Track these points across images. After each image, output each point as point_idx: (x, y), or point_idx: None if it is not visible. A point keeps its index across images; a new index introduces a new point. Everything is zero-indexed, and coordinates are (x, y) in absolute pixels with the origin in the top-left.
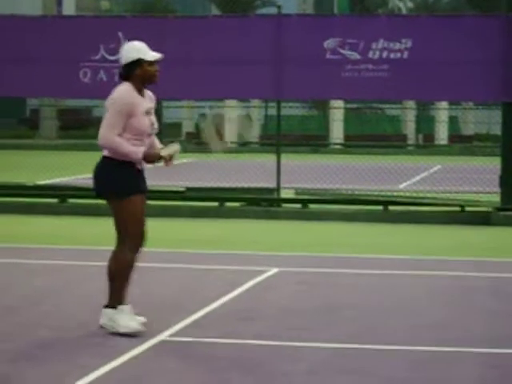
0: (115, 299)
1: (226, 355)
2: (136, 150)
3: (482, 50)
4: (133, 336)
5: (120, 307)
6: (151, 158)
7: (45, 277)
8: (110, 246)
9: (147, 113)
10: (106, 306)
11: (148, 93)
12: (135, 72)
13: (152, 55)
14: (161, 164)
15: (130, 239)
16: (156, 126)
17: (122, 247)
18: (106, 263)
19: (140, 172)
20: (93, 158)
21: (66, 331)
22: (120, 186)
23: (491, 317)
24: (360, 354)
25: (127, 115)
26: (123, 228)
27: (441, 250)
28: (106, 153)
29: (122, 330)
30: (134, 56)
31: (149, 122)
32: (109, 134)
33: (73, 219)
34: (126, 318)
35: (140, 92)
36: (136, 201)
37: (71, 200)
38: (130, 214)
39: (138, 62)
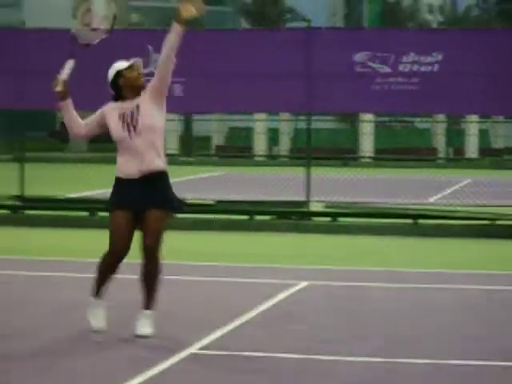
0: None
1: (256, 368)
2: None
3: None
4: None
5: (92, 299)
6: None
7: (74, 290)
8: (138, 258)
9: (120, 118)
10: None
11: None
12: (119, 84)
13: (125, 64)
14: None
15: (109, 248)
16: (142, 125)
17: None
18: (136, 276)
19: (135, 187)
20: None
21: (97, 343)
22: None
23: None
24: (391, 368)
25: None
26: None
27: (471, 263)
28: None
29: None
30: (112, 72)
31: (121, 127)
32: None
33: (103, 232)
34: (92, 314)
35: (131, 98)
36: (114, 215)
37: (101, 213)
38: (110, 226)
39: (118, 75)
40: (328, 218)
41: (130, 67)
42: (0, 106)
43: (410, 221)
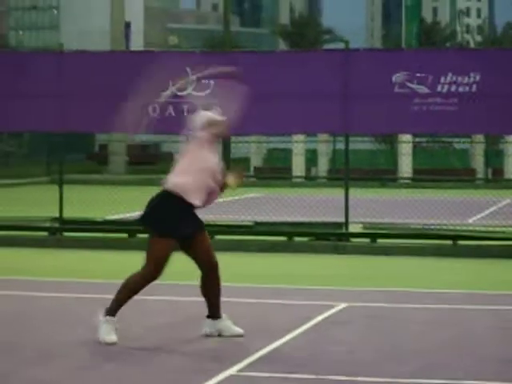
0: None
1: None
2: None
3: None
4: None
5: (109, 318)
6: None
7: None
8: (177, 280)
9: None
10: (208, 317)
11: None
12: (210, 129)
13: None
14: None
15: (147, 271)
16: None
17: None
18: (173, 297)
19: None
20: None
21: (133, 365)
22: (160, 223)
23: None
24: None
25: None
26: (149, 258)
27: (510, 284)
28: None
29: (100, 339)
30: (204, 121)
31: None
32: None
33: (142, 254)
34: (107, 330)
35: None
36: (165, 243)
37: (140, 235)
38: (157, 253)
39: (213, 123)
40: (367, 239)
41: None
42: (40, 130)
43: (448, 241)
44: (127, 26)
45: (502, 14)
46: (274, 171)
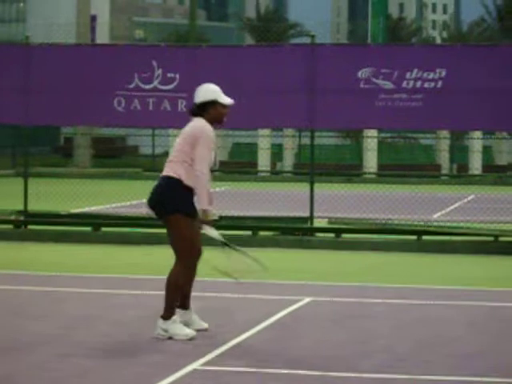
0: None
1: None
2: (206, 201)
3: None
4: (190, 340)
5: (172, 318)
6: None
7: (76, 305)
8: (143, 274)
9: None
10: (177, 306)
11: None
12: (209, 111)
13: (226, 99)
14: None
15: (186, 255)
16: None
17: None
18: (137, 291)
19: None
20: (126, 187)
21: (98, 360)
22: (182, 205)
23: None
24: None
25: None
26: (180, 247)
27: (475, 280)
28: (171, 173)
29: (180, 338)
30: (210, 97)
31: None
32: (204, 169)
33: (106, 247)
34: (180, 328)
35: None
36: (190, 222)
37: (105, 228)
38: (187, 233)
39: (213, 103)
40: (331, 234)
41: (227, 106)
42: (5, 122)
43: (413, 237)
44: (93, 19)
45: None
46: (240, 165)
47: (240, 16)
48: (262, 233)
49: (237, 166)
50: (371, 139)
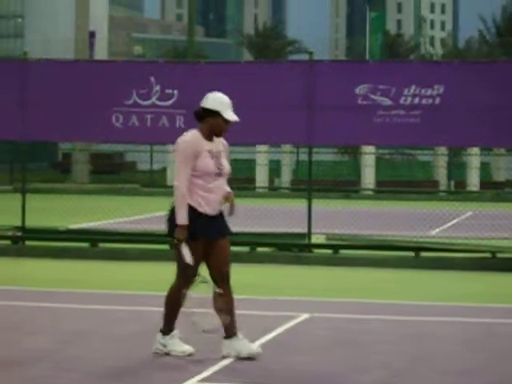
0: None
1: None
2: (183, 217)
3: None
4: (189, 356)
5: (171, 334)
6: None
7: (74, 321)
8: (140, 290)
9: (212, 154)
10: (224, 337)
11: (220, 139)
12: (208, 119)
13: (230, 115)
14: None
15: (182, 277)
16: (226, 167)
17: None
18: (134, 307)
19: (211, 218)
20: (124, 203)
21: (94, 375)
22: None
23: None
24: None
25: (193, 158)
26: (177, 267)
27: (472, 296)
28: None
29: (177, 354)
30: (214, 106)
31: (214, 163)
32: (180, 183)
33: (103, 264)
34: (178, 344)
35: (207, 138)
36: (191, 245)
37: (102, 244)
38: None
39: (216, 114)
40: (329, 251)
41: (229, 122)
42: (3, 138)
43: (411, 253)
44: (91, 35)
45: (466, 28)
46: (237, 181)
47: (239, 32)
48: (259, 249)
49: (235, 181)
50: (369, 155)
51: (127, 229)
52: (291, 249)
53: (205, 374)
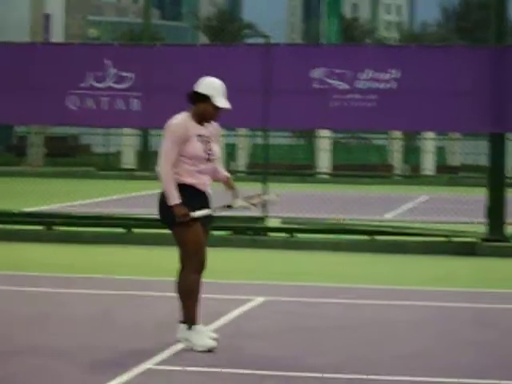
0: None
1: None
2: (175, 197)
3: (470, 80)
4: (210, 351)
5: (193, 327)
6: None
7: (27, 303)
8: (94, 273)
9: (202, 138)
10: (182, 322)
11: (212, 123)
12: (198, 104)
13: (221, 102)
14: None
15: (191, 262)
16: (215, 153)
17: (184, 270)
18: (89, 291)
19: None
20: (80, 186)
21: (51, 359)
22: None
23: (476, 347)
24: None
25: (181, 141)
26: (183, 252)
27: (426, 280)
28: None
29: (199, 349)
30: (205, 91)
31: (202, 147)
32: (164, 162)
33: (58, 247)
34: (201, 338)
35: (198, 122)
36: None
37: (57, 227)
38: (189, 239)
39: (206, 98)
40: (285, 234)
41: (220, 108)
42: None
43: (366, 237)
44: (47, 17)
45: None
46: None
47: (195, 15)
48: (215, 232)
49: None
50: (324, 139)
51: (82, 212)
52: (246, 232)
53: (160, 356)
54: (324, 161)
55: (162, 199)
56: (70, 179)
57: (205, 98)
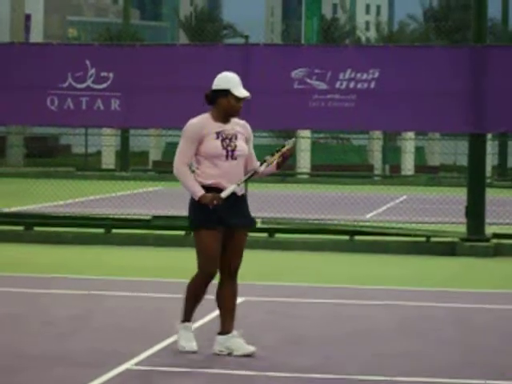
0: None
1: None
2: (195, 190)
3: (449, 80)
4: (191, 353)
5: (185, 324)
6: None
7: (4, 304)
8: (74, 274)
9: (222, 135)
10: (219, 333)
11: (236, 120)
12: (219, 101)
13: (240, 92)
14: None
15: (199, 269)
16: (241, 149)
17: (196, 275)
18: (68, 291)
19: (231, 203)
20: (59, 186)
21: (26, 360)
22: (193, 217)
23: (455, 346)
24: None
25: (197, 141)
26: (197, 258)
27: (405, 279)
28: None
29: (179, 348)
30: (223, 86)
31: (221, 144)
32: (177, 162)
33: (38, 247)
34: (187, 338)
35: (221, 120)
36: (204, 234)
37: (37, 228)
38: (200, 247)
39: (225, 93)
40: (264, 234)
41: (241, 99)
42: None
43: (345, 237)
44: (27, 17)
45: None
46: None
47: (175, 14)
48: None
49: (170, 165)
50: (304, 139)
51: (62, 212)
52: None
53: (140, 357)
54: (304, 161)
55: (190, 202)
56: (49, 180)
57: (224, 93)
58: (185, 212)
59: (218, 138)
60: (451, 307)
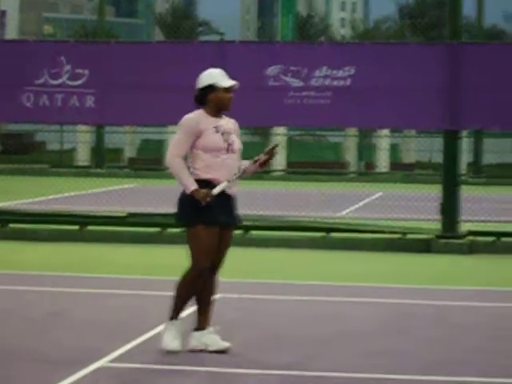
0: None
1: (164, 382)
2: (189, 184)
3: (424, 77)
4: (172, 353)
5: (173, 322)
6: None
7: None
8: (49, 271)
9: (220, 130)
10: (195, 329)
11: (229, 120)
12: (209, 98)
13: (226, 82)
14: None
15: (194, 266)
16: (236, 144)
17: (187, 272)
18: (43, 288)
19: (224, 202)
20: (34, 183)
21: (13, 358)
22: (186, 214)
23: (432, 343)
24: (302, 382)
25: (194, 135)
26: (190, 256)
27: (381, 276)
28: None
29: (162, 345)
30: (208, 81)
31: (221, 138)
32: (172, 153)
33: (13, 244)
34: (171, 336)
35: (215, 114)
36: (203, 231)
37: (12, 225)
38: (198, 243)
39: (211, 88)
40: (239, 231)
41: (228, 88)
42: None
43: (321, 234)
44: (2, 14)
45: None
46: (148, 162)
47: (152, 11)
48: (170, 229)
49: (145, 162)
50: (280, 136)
51: (37, 209)
52: None
53: (114, 354)
54: (279, 158)
55: (179, 197)
56: (24, 176)
57: (211, 88)
58: (160, 209)
59: (217, 131)
60: (430, 304)
